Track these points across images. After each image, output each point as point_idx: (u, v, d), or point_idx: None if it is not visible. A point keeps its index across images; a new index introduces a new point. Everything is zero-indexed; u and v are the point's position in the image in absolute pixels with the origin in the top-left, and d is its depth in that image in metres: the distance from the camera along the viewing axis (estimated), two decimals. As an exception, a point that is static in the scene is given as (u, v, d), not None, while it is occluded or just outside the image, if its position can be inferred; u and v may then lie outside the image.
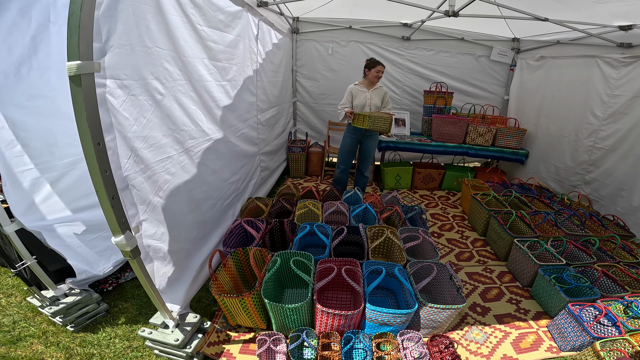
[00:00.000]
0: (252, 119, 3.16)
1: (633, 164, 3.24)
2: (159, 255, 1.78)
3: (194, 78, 1.99)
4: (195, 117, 2.02)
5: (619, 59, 3.39)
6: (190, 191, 2.05)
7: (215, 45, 2.22)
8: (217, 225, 2.61)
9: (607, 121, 3.50)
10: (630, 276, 2.50)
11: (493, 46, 4.80)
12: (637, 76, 3.23)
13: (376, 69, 3.51)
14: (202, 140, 2.13)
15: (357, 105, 3.62)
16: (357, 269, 2.26)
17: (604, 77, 3.55)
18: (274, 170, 4.26)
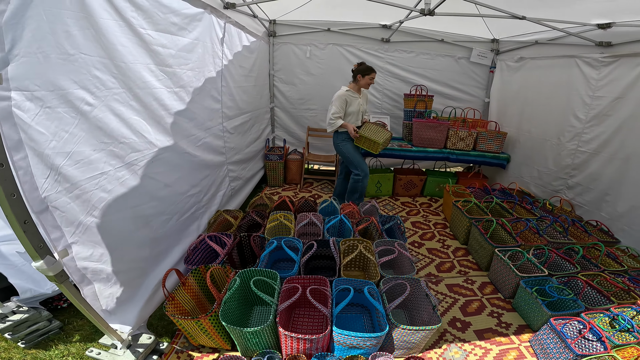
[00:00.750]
0: (216, 127, 2.98)
1: (618, 168, 3.12)
2: (101, 277, 1.66)
3: (137, 85, 1.82)
4: (139, 128, 1.84)
5: (599, 58, 3.28)
6: (135, 208, 1.88)
7: (165, 49, 2.05)
8: (177, 241, 2.45)
9: (590, 124, 3.39)
10: (616, 286, 2.40)
11: (473, 47, 4.71)
12: (619, 77, 3.11)
13: (370, 76, 3.44)
14: (148, 152, 1.95)
15: (352, 112, 3.50)
16: (326, 288, 2.12)
17: (585, 78, 3.43)
18: (248, 179, 4.07)
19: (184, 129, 2.37)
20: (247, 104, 3.80)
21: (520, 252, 2.68)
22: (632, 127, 2.99)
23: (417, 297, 2.24)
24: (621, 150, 3.10)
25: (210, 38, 2.69)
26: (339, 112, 3.46)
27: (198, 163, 2.63)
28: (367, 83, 3.47)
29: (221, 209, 3.11)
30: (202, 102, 2.64)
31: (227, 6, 2.92)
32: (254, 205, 3.47)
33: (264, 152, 4.62)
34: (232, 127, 3.40)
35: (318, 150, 5.12)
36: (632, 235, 2.95)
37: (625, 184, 3.06)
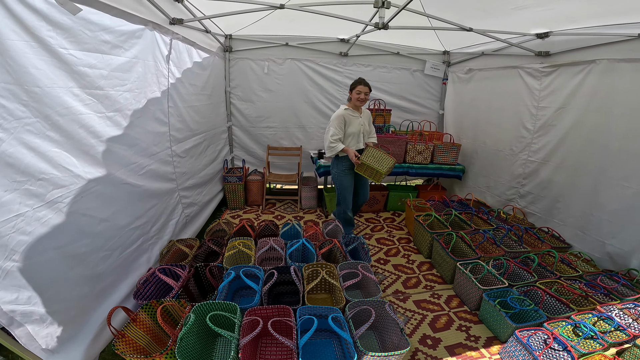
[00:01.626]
0: (163, 151, 2.76)
1: (567, 176, 3.26)
2: (33, 319, 1.52)
3: (57, 112, 1.61)
4: (61, 161, 1.63)
5: (539, 68, 3.43)
6: (64, 247, 1.68)
7: (94, 70, 1.85)
8: (124, 275, 2.25)
9: (537, 134, 3.53)
10: (573, 292, 2.45)
11: (426, 60, 4.84)
12: (559, 86, 3.25)
13: (356, 89, 3.06)
14: (75, 187, 1.73)
15: (352, 133, 3.18)
16: (289, 318, 2.01)
17: (528, 89, 3.58)
18: (205, 204, 3.84)
19: (122, 157, 2.16)
20: (199, 125, 3.61)
21: (481, 264, 2.70)
22: (576, 137, 3.13)
23: (385, 318, 2.20)
24: (567, 158, 3.23)
25: (153, 56, 2.51)
26: (338, 134, 3.10)
27: (142, 193, 2.41)
28: (356, 99, 3.09)
29: (174, 239, 2.90)
30: (145, 125, 2.44)
31: (173, 22, 2.76)
32: (211, 232, 3.27)
33: (222, 174, 4.40)
34: (183, 151, 3.18)
35: (279, 169, 4.97)
36: (584, 240, 3.07)
37: (574, 191, 3.19)
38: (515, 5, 2.78)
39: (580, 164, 3.11)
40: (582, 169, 3.09)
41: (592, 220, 2.99)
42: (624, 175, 2.73)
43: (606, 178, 2.87)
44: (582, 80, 3.03)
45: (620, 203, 2.76)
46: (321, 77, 4.71)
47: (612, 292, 2.50)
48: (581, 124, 3.07)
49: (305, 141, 4.93)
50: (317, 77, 4.70)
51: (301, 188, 4.55)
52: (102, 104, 1.94)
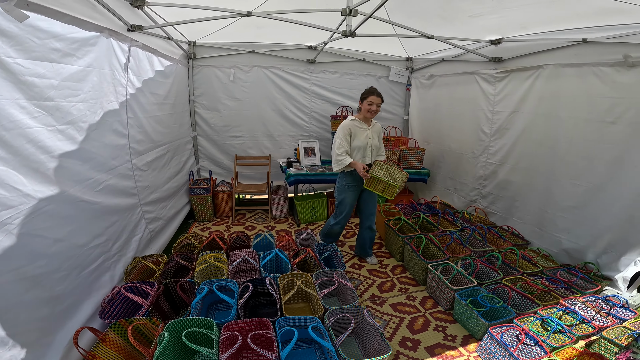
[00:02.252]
0: (122, 165, 2.60)
1: (521, 177, 3.47)
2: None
3: (3, 127, 1.46)
4: (7, 180, 1.48)
5: (493, 74, 3.62)
6: (17, 270, 1.54)
7: (43, 80, 1.71)
8: (87, 295, 2.12)
9: (494, 137, 3.73)
10: (537, 288, 2.57)
11: (391, 66, 4.97)
12: (512, 91, 3.45)
13: (368, 100, 2.83)
14: (25, 207, 1.58)
15: (358, 147, 2.94)
16: (269, 331, 1.97)
17: (484, 94, 3.77)
18: (171, 218, 3.66)
19: (77, 173, 2.00)
20: (162, 136, 3.45)
21: (450, 265, 2.79)
22: (527, 139, 3.35)
23: (365, 324, 2.21)
24: (521, 160, 3.45)
25: (109, 64, 2.37)
26: (344, 146, 2.87)
27: (100, 210, 2.25)
28: (367, 110, 2.85)
29: (139, 255, 2.74)
30: (102, 138, 2.29)
31: (132, 29, 2.62)
32: (179, 247, 3.12)
33: (188, 186, 4.23)
34: (145, 164, 3.02)
35: (248, 179, 4.86)
36: (542, 236, 3.28)
37: (529, 190, 3.40)
38: (471, 13, 2.94)
39: (533, 164, 3.32)
40: (535, 170, 3.30)
41: (548, 217, 3.20)
42: (573, 175, 2.95)
43: (557, 177, 3.08)
44: (531, 85, 3.25)
45: (572, 200, 2.97)
46: (289, 85, 4.70)
47: (572, 286, 2.64)
48: (532, 127, 3.29)
49: (274, 150, 4.87)
50: (285, 84, 4.68)
51: (271, 198, 4.47)
52: (53, 117, 1.79)
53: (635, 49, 2.44)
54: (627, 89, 2.53)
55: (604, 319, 2.35)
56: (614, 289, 2.68)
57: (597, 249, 2.84)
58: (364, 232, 3.30)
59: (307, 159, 4.46)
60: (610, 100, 2.63)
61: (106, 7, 2.22)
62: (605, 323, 2.30)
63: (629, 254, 2.62)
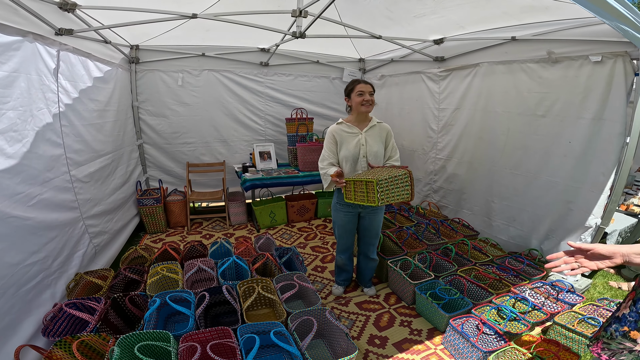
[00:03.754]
0: (59, 177, 2.39)
1: (467, 171, 3.68)
2: None
3: None
4: None
5: (437, 73, 3.82)
6: None
7: None
8: (26, 313, 1.98)
9: (441, 133, 3.93)
10: (488, 277, 2.69)
11: (344, 67, 5.05)
12: (454, 89, 3.65)
13: (357, 90, 2.31)
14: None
15: (346, 157, 2.37)
16: (230, 340, 1.91)
17: (430, 92, 3.96)
18: (118, 232, 3.40)
19: (4, 188, 1.81)
20: (105, 145, 3.22)
21: (408, 260, 2.86)
22: (469, 134, 3.58)
23: (330, 325, 2.18)
24: (465, 154, 3.67)
25: (36, 70, 2.17)
26: (328, 157, 2.40)
27: (35, 226, 2.05)
28: (359, 102, 2.31)
29: (82, 271, 2.53)
30: (34, 149, 2.08)
31: (60, 32, 2.42)
32: (127, 260, 2.90)
33: (136, 197, 3.96)
34: (86, 175, 2.80)
35: (202, 186, 4.67)
36: (491, 226, 3.51)
37: (474, 182, 3.63)
38: (415, 13, 3.05)
39: (476, 157, 3.55)
40: (479, 162, 3.53)
41: (494, 207, 3.43)
42: (512, 165, 3.19)
43: (498, 168, 3.32)
44: (470, 83, 3.47)
45: (514, 190, 3.21)
46: (241, 88, 4.61)
47: (521, 273, 2.82)
48: (473, 123, 3.51)
49: (229, 155, 4.75)
50: (237, 88, 4.58)
51: (228, 204, 4.33)
52: None
53: (557, 45, 2.67)
54: (552, 83, 2.77)
55: (553, 304, 2.50)
56: (559, 274, 2.85)
57: (539, 235, 3.07)
58: (360, 259, 2.82)
59: (263, 163, 4.38)
60: (538, 95, 2.87)
61: (29, 11, 2.07)
62: (555, 309, 2.45)
63: (568, 238, 2.83)
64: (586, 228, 2.73)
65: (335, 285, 2.92)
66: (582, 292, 2.78)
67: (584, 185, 2.69)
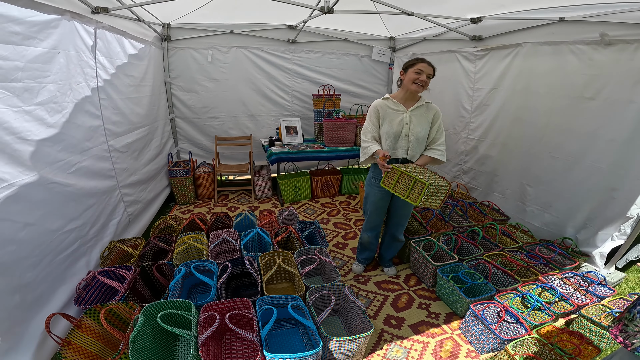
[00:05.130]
0: (97, 147, 2.53)
1: (501, 152, 3.53)
2: None
3: None
4: (-33, 162, 1.42)
5: (473, 52, 3.65)
6: None
7: (6, 62, 1.66)
8: (61, 281, 2.07)
9: (474, 113, 3.78)
10: (516, 264, 2.60)
11: (373, 46, 4.91)
12: (491, 69, 3.48)
13: (416, 68, 2.20)
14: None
15: (387, 133, 2.30)
16: (249, 311, 1.95)
17: (465, 72, 3.80)
18: (150, 201, 3.59)
19: (47, 155, 1.94)
20: (141, 118, 3.36)
21: (432, 240, 2.81)
22: (506, 115, 3.41)
23: (348, 302, 2.21)
24: (500, 135, 3.51)
25: (74, 47, 2.26)
26: (371, 131, 2.33)
27: (75, 193, 2.19)
28: (412, 80, 2.20)
29: (116, 239, 2.69)
30: (74, 119, 2.21)
31: (96, 11, 2.49)
32: (157, 230, 3.07)
33: (168, 169, 4.14)
34: (123, 145, 2.95)
35: (230, 159, 4.81)
36: (525, 211, 3.36)
37: (509, 165, 3.47)
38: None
39: (511, 139, 3.39)
40: (515, 144, 3.36)
41: (529, 191, 3.28)
42: (552, 148, 3.01)
43: (536, 151, 3.15)
44: (510, 63, 3.29)
45: (552, 174, 3.04)
46: (269, 65, 4.60)
47: (551, 262, 2.70)
48: (511, 103, 3.34)
49: (256, 130, 4.82)
50: (265, 64, 4.58)
51: (254, 178, 4.44)
52: (19, 98, 1.74)
53: (611, 27, 2.46)
54: (603, 66, 2.57)
55: (582, 296, 2.39)
56: (592, 266, 2.75)
57: (576, 223, 2.91)
58: (386, 238, 2.80)
59: (289, 138, 4.41)
60: (587, 77, 2.67)
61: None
62: (583, 301, 2.35)
63: (606, 229, 2.69)
64: (627, 218, 2.55)
65: (356, 263, 2.93)
66: (613, 285, 2.64)
67: (630, 172, 2.49)
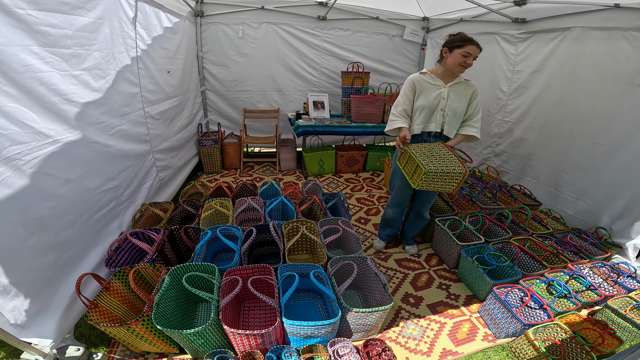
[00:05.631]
0: (135, 112, 2.65)
1: (538, 136, 3.40)
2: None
3: (14, 70, 1.51)
4: (19, 117, 1.52)
5: (515, 35, 3.51)
6: (23, 210, 1.55)
7: (56, 30, 1.75)
8: (95, 242, 2.15)
9: (512, 96, 3.65)
10: (545, 249, 2.51)
11: (405, 25, 4.78)
12: (534, 52, 3.35)
13: (464, 50, 2.11)
14: (37, 144, 1.62)
15: (422, 107, 2.25)
16: (270, 277, 1.96)
17: (505, 54, 3.67)
18: (180, 168, 3.75)
19: (90, 116, 2.04)
20: (174, 88, 3.47)
21: (458, 220, 2.74)
22: (547, 98, 3.26)
23: (368, 276, 2.19)
24: (539, 118, 3.36)
25: (117, 18, 2.35)
26: (402, 104, 2.29)
27: (113, 153, 2.31)
28: (458, 63, 2.14)
29: (148, 202, 2.81)
30: (115, 86, 2.32)
31: (138, -16, 2.57)
32: (186, 195, 3.18)
33: (197, 138, 4.28)
34: (157, 113, 3.07)
35: (257, 132, 4.91)
36: (558, 197, 3.24)
37: (546, 149, 3.33)
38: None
39: (552, 123, 3.24)
40: (554, 128, 3.22)
41: (565, 177, 3.14)
42: (594, 134, 2.85)
43: (577, 136, 3.00)
44: (556, 46, 3.15)
45: (591, 160, 2.90)
46: (299, 41, 4.57)
47: (582, 251, 2.59)
48: (553, 87, 3.20)
49: (283, 104, 4.86)
50: (295, 41, 4.56)
51: (279, 150, 4.52)
52: (68, 63, 1.85)
53: None
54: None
55: (610, 287, 2.30)
56: (623, 258, 2.64)
57: (612, 213, 2.79)
58: (410, 215, 2.74)
59: (316, 112, 4.41)
60: (638, 63, 2.53)
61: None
62: (611, 292, 2.26)
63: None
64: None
65: (377, 239, 2.94)
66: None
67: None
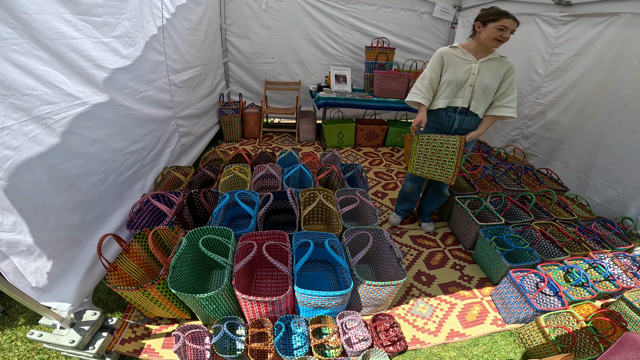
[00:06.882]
0: (160, 79, 2.70)
1: (572, 119, 3.26)
2: (19, 250, 1.42)
3: (46, 36, 1.56)
4: (50, 79, 1.57)
5: (558, 17, 3.33)
6: (53, 168, 1.60)
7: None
8: (118, 204, 2.19)
9: (548, 78, 3.50)
10: (568, 236, 2.42)
11: (435, 2, 4.56)
12: (577, 35, 3.18)
13: (499, 24, 1.96)
14: (67, 105, 1.67)
15: (449, 81, 2.14)
16: (285, 243, 1.95)
17: (544, 36, 3.50)
18: (201, 135, 3.82)
19: (118, 81, 2.09)
20: (196, 58, 3.49)
21: (479, 199, 2.67)
22: (587, 82, 3.10)
23: (382, 249, 2.17)
24: (576, 102, 3.21)
25: (145, -13, 2.37)
26: (429, 76, 2.18)
27: (138, 117, 2.36)
28: (493, 37, 1.99)
29: (169, 166, 2.87)
30: (143, 54, 2.36)
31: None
32: (206, 160, 3.24)
33: (219, 107, 4.33)
34: (180, 81, 3.11)
35: (277, 103, 4.91)
36: (587, 183, 3.12)
37: (580, 133, 3.19)
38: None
39: (588, 107, 3.10)
40: (591, 112, 3.08)
41: (597, 163, 3.01)
42: (635, 120, 2.71)
43: (616, 121, 2.86)
44: (602, 31, 2.98)
45: (627, 147, 2.76)
46: (323, 15, 4.46)
47: (605, 240, 2.49)
48: (595, 71, 3.05)
49: (304, 77, 4.81)
50: (319, 14, 4.45)
51: (299, 121, 4.52)
52: (99, 30, 1.91)
53: None
54: None
55: (629, 279, 2.23)
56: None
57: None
58: (429, 191, 2.70)
59: (337, 86, 4.35)
60: None
61: None
62: (629, 284, 2.19)
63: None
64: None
65: (394, 214, 2.91)
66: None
67: None
